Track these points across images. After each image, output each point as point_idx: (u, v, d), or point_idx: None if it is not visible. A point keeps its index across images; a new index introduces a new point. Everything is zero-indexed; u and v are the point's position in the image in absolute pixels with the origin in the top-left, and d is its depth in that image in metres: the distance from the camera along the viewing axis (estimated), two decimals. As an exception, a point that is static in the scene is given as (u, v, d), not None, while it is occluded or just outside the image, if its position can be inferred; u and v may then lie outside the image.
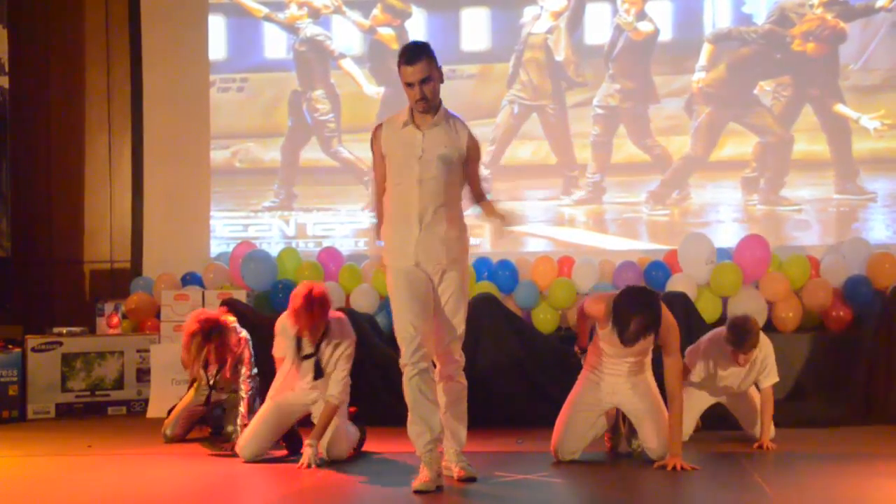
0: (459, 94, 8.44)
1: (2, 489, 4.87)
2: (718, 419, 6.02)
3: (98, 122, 9.08)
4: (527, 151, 8.62)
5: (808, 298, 7.33)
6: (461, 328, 4.81)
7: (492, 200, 4.89)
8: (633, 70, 8.47)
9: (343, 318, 5.52)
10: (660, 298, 5.17)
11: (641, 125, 8.45)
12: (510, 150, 8.59)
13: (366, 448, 5.68)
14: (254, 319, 6.55)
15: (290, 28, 8.89)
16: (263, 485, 4.95)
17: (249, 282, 7.80)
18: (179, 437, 6.12)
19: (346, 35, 8.83)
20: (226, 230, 8.86)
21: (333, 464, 5.31)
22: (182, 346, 5.81)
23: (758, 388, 5.77)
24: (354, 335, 5.47)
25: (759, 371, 5.66)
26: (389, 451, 5.61)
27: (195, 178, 8.81)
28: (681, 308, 6.48)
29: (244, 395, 5.71)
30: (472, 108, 8.45)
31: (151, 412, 7.20)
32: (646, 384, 5.35)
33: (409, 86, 4.64)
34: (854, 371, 6.65)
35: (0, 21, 8.61)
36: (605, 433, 5.54)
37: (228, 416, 5.99)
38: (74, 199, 9.02)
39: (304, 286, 5.31)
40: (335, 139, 8.81)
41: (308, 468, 5.16)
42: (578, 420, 5.33)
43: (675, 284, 7.21)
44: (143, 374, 7.43)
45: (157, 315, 7.71)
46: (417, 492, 4.58)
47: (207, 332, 5.68)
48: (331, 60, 8.82)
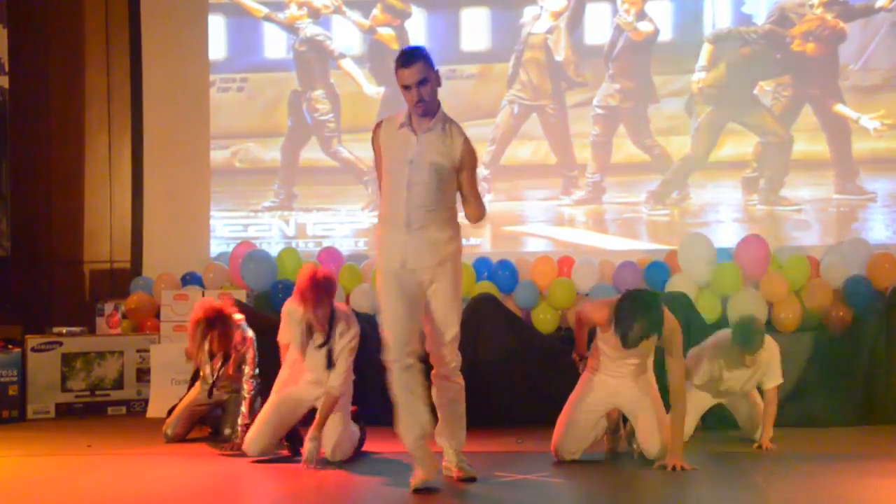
0: (459, 94, 8.44)
1: (2, 489, 4.87)
2: (718, 419, 6.02)
3: (98, 122, 9.08)
4: (527, 151, 8.62)
5: (808, 299, 7.32)
6: (453, 330, 4.79)
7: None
8: (633, 70, 8.46)
9: (349, 310, 5.56)
10: (661, 301, 5.18)
11: (641, 125, 8.45)
12: (510, 150, 8.58)
13: (366, 448, 5.68)
14: (254, 320, 6.53)
15: (290, 28, 8.88)
16: (264, 485, 4.95)
17: (249, 282, 7.80)
18: (180, 437, 6.13)
19: (346, 35, 8.83)
20: (226, 230, 8.86)
21: (334, 463, 5.31)
22: (188, 337, 5.95)
23: (760, 391, 5.78)
24: (359, 327, 5.50)
25: (764, 373, 5.66)
26: (389, 451, 5.61)
27: (195, 178, 8.80)
28: (681, 308, 6.47)
29: (246, 395, 5.78)
30: (472, 108, 8.46)
31: (151, 412, 7.21)
32: (648, 385, 5.36)
33: (407, 88, 4.66)
34: (854, 371, 6.64)
35: (0, 21, 8.61)
36: (605, 434, 5.55)
37: (227, 418, 6.03)
38: (74, 199, 9.01)
39: (309, 267, 5.40)
40: (335, 139, 8.80)
41: (309, 465, 5.16)
42: (580, 420, 5.34)
43: (675, 284, 7.21)
44: (143, 374, 7.44)
45: (157, 315, 7.72)
46: (417, 490, 4.59)
47: (211, 320, 5.81)
48: (331, 60, 8.81)
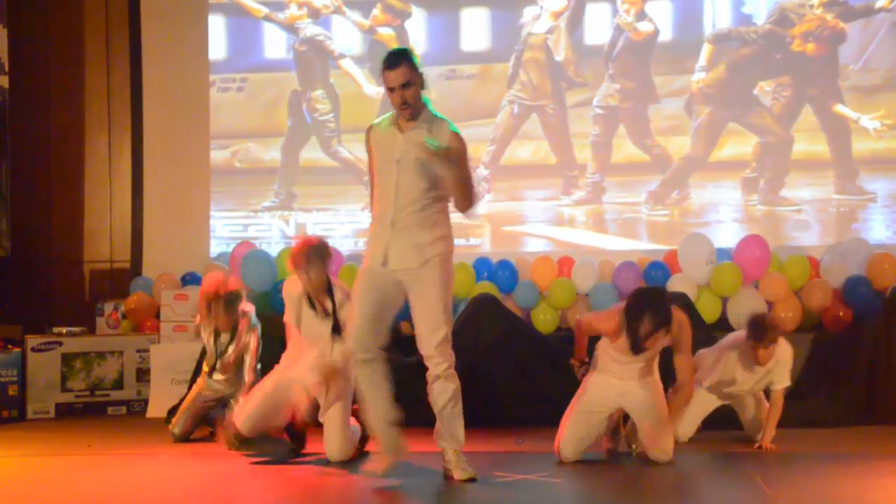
0: (459, 94, 8.45)
1: (2, 489, 4.87)
2: (718, 419, 6.02)
3: (98, 122, 9.07)
4: (527, 151, 8.62)
5: (808, 299, 7.33)
6: (441, 332, 4.75)
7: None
8: (633, 70, 8.46)
9: (345, 286, 5.60)
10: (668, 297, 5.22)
11: (641, 125, 8.45)
12: (510, 150, 8.58)
13: (367, 448, 5.67)
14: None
15: (290, 28, 8.88)
16: (264, 485, 4.95)
17: (249, 282, 7.78)
18: (188, 434, 6.14)
19: (346, 35, 8.83)
20: (226, 230, 8.86)
21: (334, 464, 5.31)
22: (198, 310, 6.19)
23: (766, 394, 5.79)
24: None
25: (774, 374, 5.66)
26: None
27: (195, 178, 8.80)
28: (681, 308, 6.46)
29: (246, 382, 5.93)
30: (472, 108, 8.47)
31: (151, 412, 7.20)
32: (654, 385, 5.35)
33: (391, 90, 4.71)
34: (854, 371, 6.64)
35: (0, 21, 8.60)
36: (605, 434, 5.54)
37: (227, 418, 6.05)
38: (74, 199, 9.00)
39: (302, 235, 5.50)
40: (335, 139, 8.80)
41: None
42: (585, 421, 5.33)
43: (675, 285, 7.21)
44: (143, 374, 7.43)
45: (157, 315, 7.71)
46: (386, 475, 4.79)
47: (216, 289, 5.99)
48: (330, 60, 8.81)
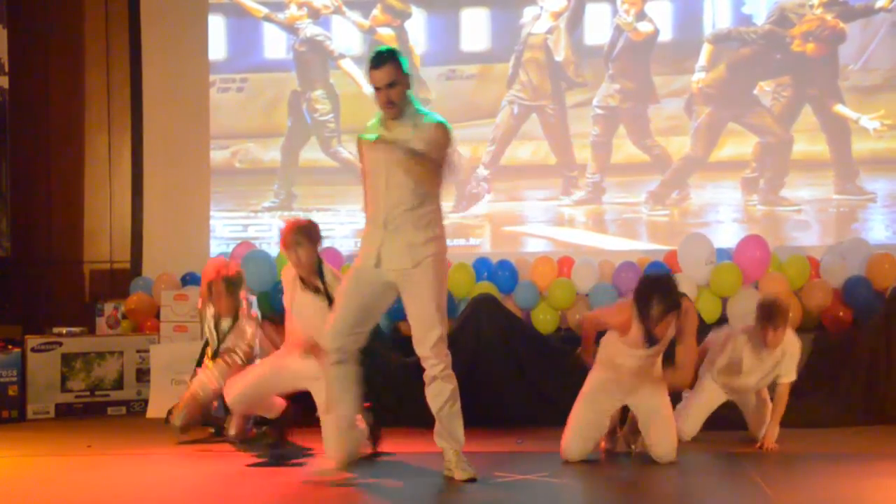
0: (459, 95, 8.45)
1: (2, 489, 4.87)
2: (721, 419, 6.02)
3: (98, 122, 9.07)
4: (526, 151, 8.62)
5: (808, 299, 7.32)
6: (435, 332, 4.75)
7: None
8: (633, 70, 8.47)
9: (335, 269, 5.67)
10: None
11: (641, 125, 8.45)
12: (510, 151, 8.59)
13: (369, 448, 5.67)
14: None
15: (290, 28, 8.88)
16: (263, 485, 4.95)
17: (249, 282, 7.76)
18: (189, 426, 6.05)
19: (346, 35, 8.83)
20: (226, 230, 8.86)
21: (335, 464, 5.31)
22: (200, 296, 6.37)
23: (770, 392, 5.79)
24: None
25: (782, 367, 5.67)
26: (390, 452, 5.60)
27: (195, 178, 8.81)
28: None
29: (237, 358, 6.15)
30: (472, 109, 8.47)
31: (151, 412, 7.19)
32: (661, 386, 5.34)
33: (377, 90, 4.72)
34: (854, 371, 6.64)
35: (0, 21, 8.60)
36: (605, 434, 5.53)
37: (231, 417, 6.04)
38: (74, 199, 9.00)
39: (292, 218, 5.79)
40: (335, 139, 8.81)
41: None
42: (593, 420, 5.31)
43: (675, 285, 7.20)
44: (143, 375, 7.43)
45: (157, 315, 7.71)
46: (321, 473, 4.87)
47: (217, 271, 6.19)
48: (330, 61, 8.82)
